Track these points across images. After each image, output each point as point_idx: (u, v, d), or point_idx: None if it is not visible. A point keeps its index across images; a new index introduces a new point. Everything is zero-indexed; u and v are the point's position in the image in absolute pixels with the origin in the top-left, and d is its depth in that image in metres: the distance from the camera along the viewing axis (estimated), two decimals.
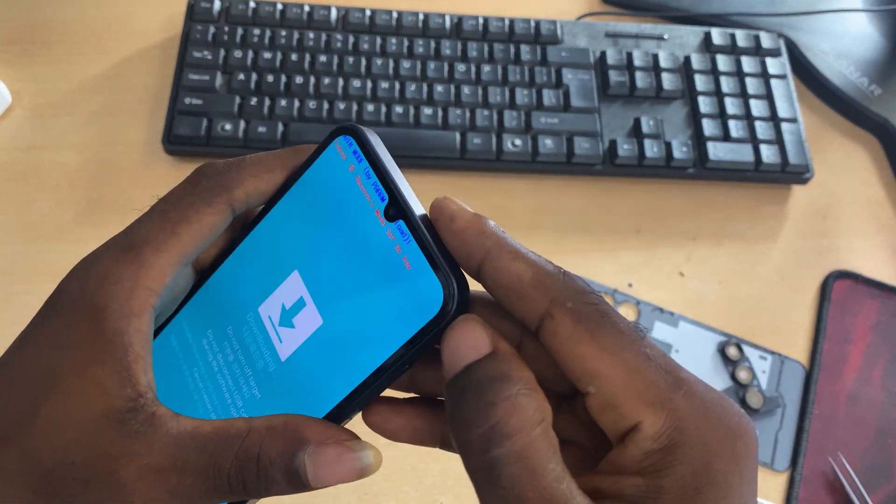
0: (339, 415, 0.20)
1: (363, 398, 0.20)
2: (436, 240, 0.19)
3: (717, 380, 0.48)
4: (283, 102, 0.52)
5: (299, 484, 0.17)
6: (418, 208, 0.20)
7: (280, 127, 0.51)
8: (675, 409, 0.16)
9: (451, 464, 0.43)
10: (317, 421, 0.18)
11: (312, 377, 0.20)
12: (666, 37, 0.59)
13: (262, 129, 0.51)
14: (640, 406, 0.16)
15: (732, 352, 0.48)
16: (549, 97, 0.54)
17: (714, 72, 0.57)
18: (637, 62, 0.57)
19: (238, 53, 0.53)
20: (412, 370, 0.21)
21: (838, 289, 0.52)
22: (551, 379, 0.19)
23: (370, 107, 0.52)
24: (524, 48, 0.56)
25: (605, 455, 0.18)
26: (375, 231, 0.20)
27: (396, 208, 0.20)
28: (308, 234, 0.21)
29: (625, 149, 0.53)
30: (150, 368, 0.18)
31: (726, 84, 0.57)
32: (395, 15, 0.56)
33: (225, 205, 0.20)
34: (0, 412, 0.18)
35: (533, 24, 0.58)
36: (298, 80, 0.52)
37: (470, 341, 0.18)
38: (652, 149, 0.53)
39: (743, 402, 0.47)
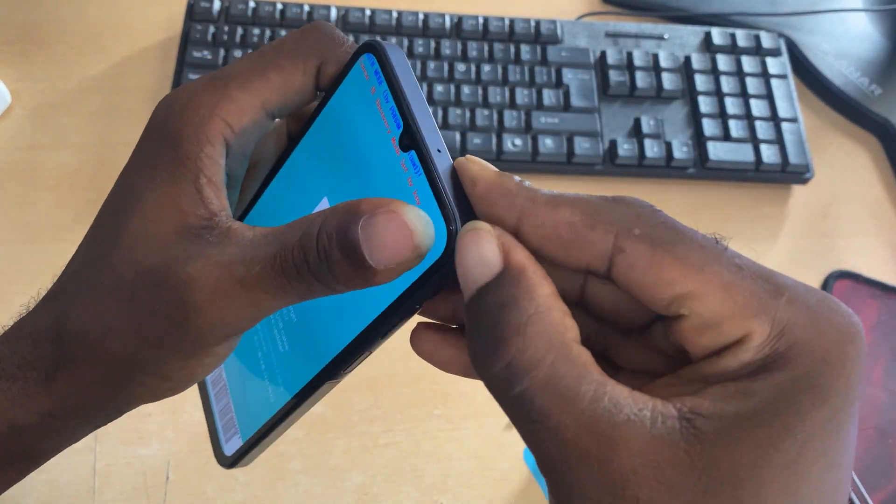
0: (355, 349, 0.20)
1: (373, 337, 0.19)
2: (454, 177, 0.18)
3: None
4: None
5: (357, 262, 0.16)
6: (435, 140, 0.19)
7: None
8: (779, 317, 0.15)
9: (451, 464, 0.43)
10: (377, 198, 0.17)
11: (331, 309, 0.20)
12: (666, 36, 0.59)
13: None
14: (744, 319, 0.15)
15: None
16: (549, 97, 0.54)
17: (714, 71, 0.57)
18: (637, 62, 0.57)
19: (238, 53, 0.53)
20: (456, 299, 0.20)
21: (839, 289, 0.52)
22: (623, 314, 0.18)
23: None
24: (524, 48, 0.56)
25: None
26: (390, 160, 0.19)
27: (409, 137, 0.18)
28: (335, 160, 0.20)
29: (625, 149, 0.53)
30: (222, 193, 0.18)
31: (726, 84, 0.57)
32: (394, 15, 0.56)
33: (315, 69, 0.20)
34: (97, 233, 0.20)
35: (533, 23, 0.58)
36: None
37: (477, 258, 0.16)
38: (652, 149, 0.53)
39: None
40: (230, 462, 0.26)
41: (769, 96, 0.56)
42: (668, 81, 0.56)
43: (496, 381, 0.16)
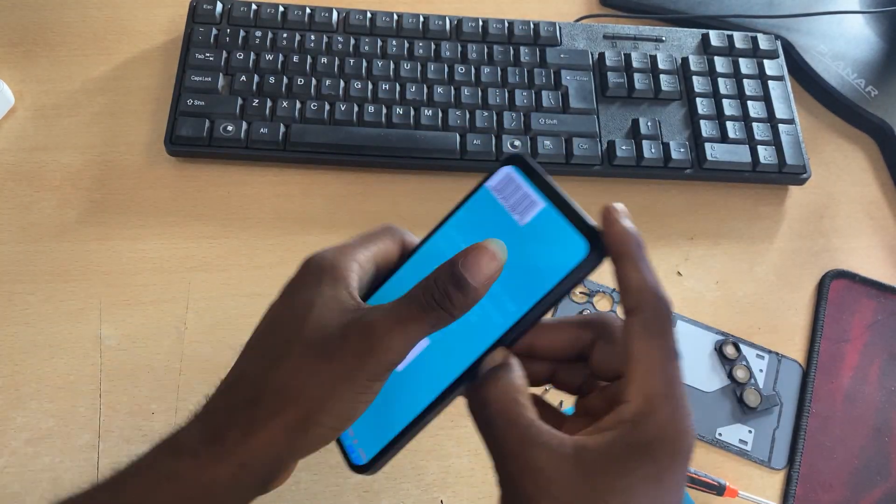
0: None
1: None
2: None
3: (715, 378, 0.48)
4: (285, 104, 0.52)
5: (464, 284, 0.24)
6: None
7: (282, 128, 0.51)
8: (655, 408, 0.24)
9: (450, 462, 0.43)
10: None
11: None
12: (664, 38, 0.60)
13: (263, 130, 0.51)
14: (638, 394, 0.24)
15: (730, 351, 0.49)
16: (548, 98, 0.55)
17: (711, 73, 0.58)
18: (635, 64, 0.57)
19: (240, 55, 0.54)
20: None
21: (835, 288, 0.52)
22: (608, 371, 0.29)
23: (371, 108, 0.52)
24: (523, 50, 0.57)
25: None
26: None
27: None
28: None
29: (623, 149, 0.53)
30: (356, 294, 0.27)
31: (724, 85, 0.57)
32: (395, 17, 0.57)
33: (398, 241, 0.30)
34: (266, 337, 0.27)
35: (532, 25, 0.58)
36: (300, 81, 0.53)
37: (498, 357, 0.27)
38: (650, 150, 0.54)
39: (740, 401, 0.47)
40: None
41: (766, 98, 0.57)
42: (666, 83, 0.56)
43: (475, 405, 0.26)
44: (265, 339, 0.27)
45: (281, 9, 0.56)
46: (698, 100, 0.56)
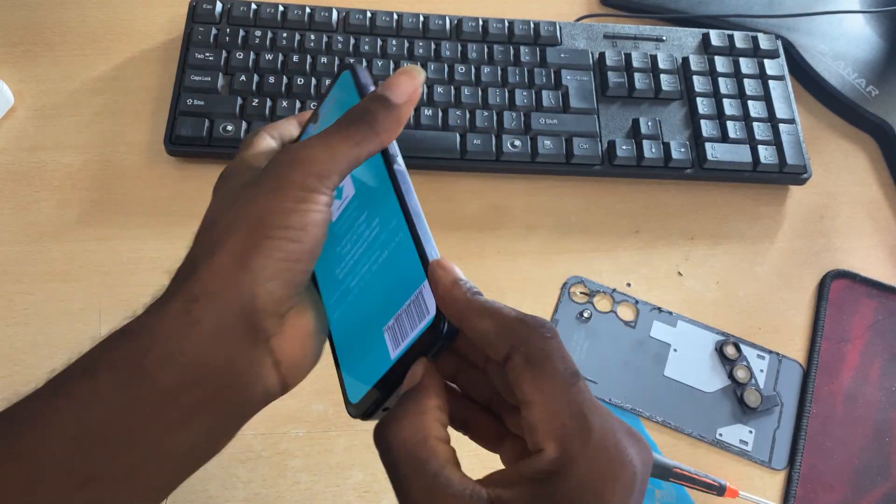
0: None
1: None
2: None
3: (715, 378, 0.48)
4: (285, 103, 0.52)
5: (384, 99, 0.25)
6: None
7: None
8: (570, 449, 0.21)
9: None
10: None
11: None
12: (664, 38, 0.60)
13: None
14: (547, 439, 0.22)
15: (730, 351, 0.49)
16: (548, 98, 0.55)
17: (712, 73, 0.58)
18: (636, 63, 0.57)
19: (240, 55, 0.54)
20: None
21: (836, 288, 0.52)
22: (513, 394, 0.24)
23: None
24: (524, 49, 0.57)
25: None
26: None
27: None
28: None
29: (623, 149, 0.53)
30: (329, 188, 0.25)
31: (724, 85, 0.57)
32: (395, 16, 0.57)
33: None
34: (222, 187, 0.27)
35: (532, 25, 0.58)
36: (299, 81, 0.53)
37: (411, 373, 0.24)
38: (650, 149, 0.53)
39: (741, 401, 0.47)
40: (357, 409, 0.27)
41: (767, 97, 0.57)
42: (667, 83, 0.56)
43: (380, 446, 0.23)
44: (210, 209, 0.27)
45: (281, 8, 0.56)
46: (699, 99, 0.56)
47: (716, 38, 0.59)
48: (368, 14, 0.57)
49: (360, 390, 0.26)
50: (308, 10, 0.56)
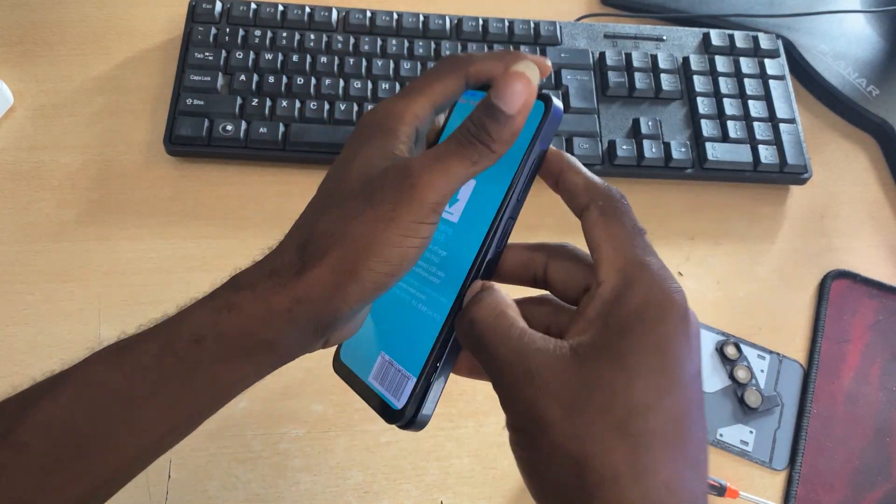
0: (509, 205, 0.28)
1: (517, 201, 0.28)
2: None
3: (716, 379, 0.48)
4: (284, 103, 0.52)
5: (498, 113, 0.25)
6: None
7: (281, 128, 0.51)
8: (630, 278, 0.24)
9: (451, 462, 0.43)
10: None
11: (478, 211, 0.29)
12: (664, 38, 0.60)
13: (263, 129, 0.51)
14: (609, 270, 0.25)
15: (731, 351, 0.48)
16: None
17: (712, 73, 0.58)
18: (636, 63, 0.57)
19: (239, 54, 0.54)
20: None
21: (836, 288, 0.52)
22: (567, 288, 0.28)
23: (371, 108, 0.52)
24: (524, 49, 0.56)
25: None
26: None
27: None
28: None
29: (624, 149, 0.53)
30: (404, 147, 0.27)
31: (725, 85, 0.57)
32: (395, 16, 0.57)
33: (464, 77, 0.29)
34: (327, 182, 0.28)
35: (532, 25, 0.58)
36: (299, 80, 0.53)
37: (476, 287, 0.27)
38: (651, 149, 0.53)
39: (741, 401, 0.47)
40: (407, 416, 0.28)
41: (767, 97, 0.57)
42: (667, 82, 0.56)
43: (463, 326, 0.26)
44: (316, 197, 0.28)
45: (280, 8, 0.56)
46: (699, 99, 0.56)
47: (716, 37, 0.59)
48: (368, 14, 0.57)
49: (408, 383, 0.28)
50: (308, 9, 0.56)
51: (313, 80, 0.53)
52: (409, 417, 0.28)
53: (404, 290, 0.30)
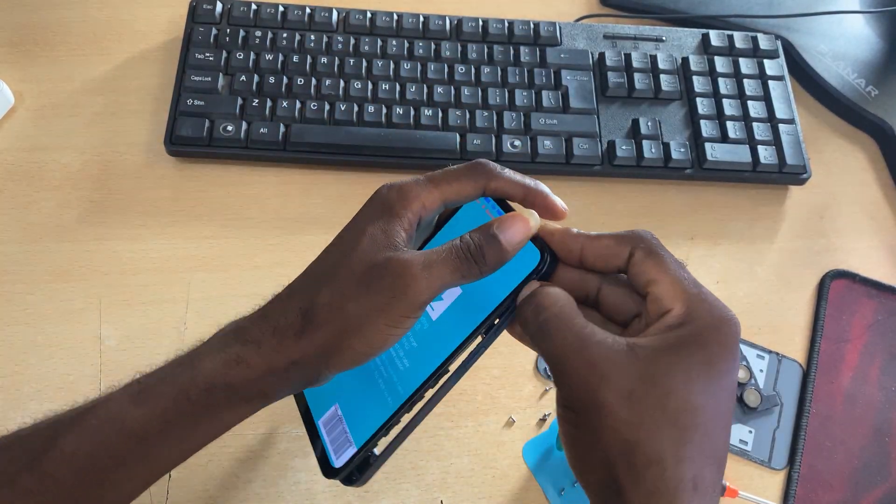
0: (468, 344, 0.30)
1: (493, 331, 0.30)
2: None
3: None
4: (285, 104, 0.52)
5: (497, 242, 0.28)
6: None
7: (281, 128, 0.51)
8: (692, 306, 0.27)
9: (451, 462, 0.43)
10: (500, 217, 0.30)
11: (454, 324, 0.30)
12: (664, 38, 0.60)
13: (263, 130, 0.51)
14: (674, 300, 0.27)
15: None
16: (548, 98, 0.55)
17: (712, 73, 0.58)
18: (635, 63, 0.57)
19: (240, 55, 0.54)
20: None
21: (835, 288, 0.52)
22: (619, 310, 0.30)
23: (371, 108, 0.52)
24: (523, 50, 0.57)
25: None
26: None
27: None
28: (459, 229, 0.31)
29: (623, 149, 0.53)
30: (405, 234, 0.30)
31: (724, 85, 0.57)
32: (395, 17, 0.57)
33: (482, 186, 0.31)
34: (330, 253, 0.30)
35: (532, 25, 0.58)
36: (300, 81, 0.53)
37: (524, 291, 0.30)
38: (650, 149, 0.53)
39: (741, 401, 0.47)
40: (340, 474, 0.31)
41: (766, 98, 0.57)
42: (666, 83, 0.56)
43: (529, 309, 0.28)
44: (320, 261, 0.30)
45: (281, 9, 0.56)
46: (698, 100, 0.56)
47: (715, 38, 0.59)
48: (368, 14, 0.57)
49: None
50: (308, 10, 0.56)
51: (313, 81, 0.53)
52: (343, 478, 0.30)
53: (373, 362, 0.32)
